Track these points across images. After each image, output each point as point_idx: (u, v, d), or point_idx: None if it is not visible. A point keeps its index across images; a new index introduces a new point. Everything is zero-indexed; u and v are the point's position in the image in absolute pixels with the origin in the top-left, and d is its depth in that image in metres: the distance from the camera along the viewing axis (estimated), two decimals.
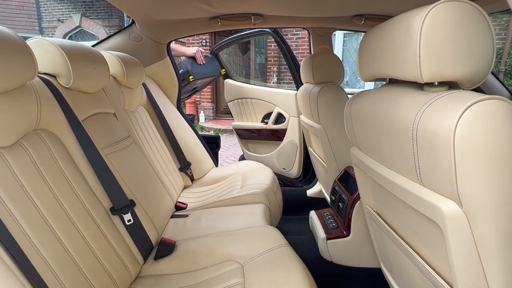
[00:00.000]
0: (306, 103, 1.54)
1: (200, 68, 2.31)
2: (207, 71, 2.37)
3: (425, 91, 0.61)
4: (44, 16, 8.64)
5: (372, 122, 0.75)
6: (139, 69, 1.53)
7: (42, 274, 0.65)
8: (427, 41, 0.55)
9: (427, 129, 0.53)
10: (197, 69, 2.28)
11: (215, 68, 2.45)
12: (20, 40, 0.72)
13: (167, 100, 1.97)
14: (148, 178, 1.22)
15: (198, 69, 2.29)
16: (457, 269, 0.55)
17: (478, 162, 0.47)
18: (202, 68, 2.33)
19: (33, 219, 0.69)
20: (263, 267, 0.89)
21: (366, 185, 0.96)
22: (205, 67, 2.34)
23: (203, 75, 2.34)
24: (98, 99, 1.11)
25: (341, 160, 1.45)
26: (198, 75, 2.30)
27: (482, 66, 0.55)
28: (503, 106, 0.47)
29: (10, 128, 0.70)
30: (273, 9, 1.46)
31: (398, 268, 0.88)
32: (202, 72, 2.33)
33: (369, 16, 1.56)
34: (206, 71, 2.36)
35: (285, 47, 2.21)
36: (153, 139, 1.56)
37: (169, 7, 1.37)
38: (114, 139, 1.07)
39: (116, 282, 0.85)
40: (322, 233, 1.38)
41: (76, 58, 0.94)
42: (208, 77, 2.40)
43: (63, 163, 0.83)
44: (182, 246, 1.07)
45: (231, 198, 1.42)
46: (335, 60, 1.48)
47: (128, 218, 0.95)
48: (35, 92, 0.79)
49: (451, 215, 0.52)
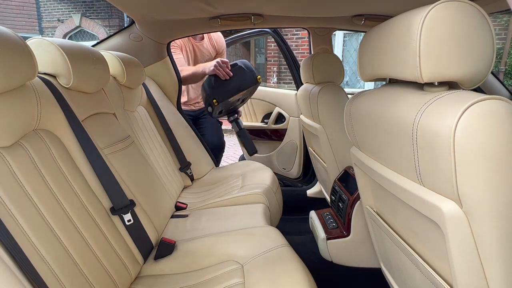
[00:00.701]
0: (306, 103, 1.54)
1: (226, 85, 1.76)
2: (237, 84, 1.78)
3: (425, 91, 0.61)
4: (44, 16, 8.63)
5: (372, 122, 0.75)
6: (139, 69, 1.53)
7: (42, 274, 0.65)
8: (427, 41, 0.55)
9: (427, 129, 0.53)
10: (221, 88, 1.77)
11: (248, 77, 1.82)
12: (20, 40, 0.72)
13: (167, 100, 1.97)
14: (148, 178, 1.22)
15: (224, 86, 1.76)
16: (457, 269, 0.55)
17: (478, 162, 0.47)
18: (230, 84, 1.77)
19: (33, 219, 0.69)
20: (263, 267, 0.89)
21: (366, 185, 0.96)
22: (234, 81, 1.77)
23: (233, 92, 1.77)
24: (98, 99, 1.11)
25: (341, 160, 1.45)
26: (225, 95, 1.76)
27: (482, 66, 0.55)
28: (503, 106, 0.47)
29: (10, 128, 0.70)
30: (273, 9, 1.46)
31: (398, 268, 0.88)
32: (230, 89, 1.77)
33: (369, 16, 1.56)
34: (235, 85, 1.78)
35: (285, 47, 2.21)
36: (153, 139, 1.56)
37: (169, 7, 1.37)
38: (114, 139, 1.07)
39: (116, 282, 0.85)
40: (322, 233, 1.38)
41: (76, 58, 0.94)
42: (243, 90, 1.81)
43: (63, 163, 0.83)
44: (182, 246, 1.07)
45: (231, 198, 1.42)
46: (335, 60, 1.48)
47: (128, 218, 0.95)
48: (35, 92, 0.79)
49: (451, 215, 0.52)
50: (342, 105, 1.39)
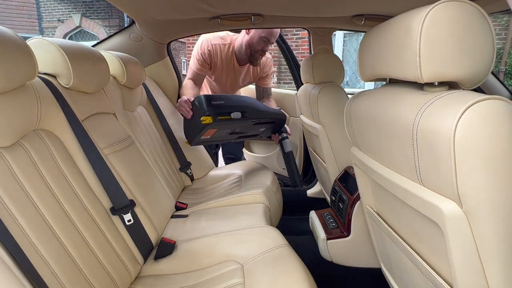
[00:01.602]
0: (306, 103, 1.54)
1: (192, 124, 1.44)
2: (196, 122, 1.39)
3: (425, 91, 0.61)
4: (44, 16, 8.64)
5: (372, 122, 0.75)
6: (139, 69, 1.53)
7: (42, 274, 0.65)
8: (427, 41, 0.55)
9: (427, 129, 0.53)
10: (187, 128, 1.49)
11: (199, 114, 1.39)
12: (20, 40, 0.72)
13: (167, 100, 1.97)
14: (148, 178, 1.22)
15: (189, 126, 1.47)
16: (457, 269, 0.55)
17: (478, 162, 0.47)
18: (192, 122, 1.44)
19: (33, 219, 0.69)
20: (263, 267, 0.89)
21: (366, 185, 0.96)
22: (194, 119, 1.42)
23: (199, 131, 1.40)
24: (98, 99, 1.11)
25: (341, 160, 1.45)
26: (193, 135, 1.45)
27: (482, 66, 0.55)
28: (503, 106, 0.47)
29: (10, 128, 0.70)
30: (273, 9, 1.46)
31: (398, 268, 0.88)
32: (196, 128, 1.41)
33: (369, 16, 1.56)
34: (196, 123, 1.40)
35: (285, 47, 2.21)
36: (153, 139, 1.56)
37: (169, 7, 1.37)
38: (114, 139, 1.07)
39: (116, 282, 0.85)
40: (322, 233, 1.38)
41: (76, 58, 0.94)
42: (202, 130, 1.41)
43: (63, 163, 0.83)
44: (182, 246, 1.07)
45: (231, 198, 1.42)
46: (335, 60, 1.48)
47: (128, 218, 0.95)
48: (35, 92, 0.80)
49: (451, 215, 0.52)
50: (342, 105, 1.38)
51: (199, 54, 1.81)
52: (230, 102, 1.45)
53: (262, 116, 1.54)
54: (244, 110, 1.45)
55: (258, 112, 1.51)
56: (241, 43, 1.81)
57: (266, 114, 1.56)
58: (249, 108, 1.47)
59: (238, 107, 1.45)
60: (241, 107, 1.46)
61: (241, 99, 1.53)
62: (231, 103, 1.45)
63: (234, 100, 1.49)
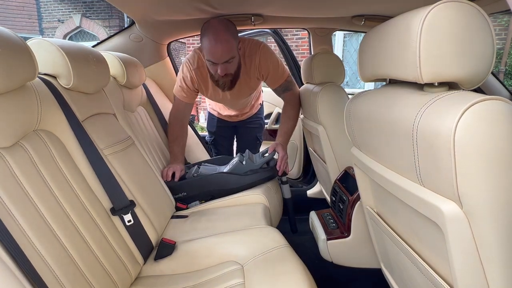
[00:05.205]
0: (307, 103, 1.54)
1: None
2: None
3: (425, 92, 0.61)
4: (44, 16, 8.64)
5: (372, 123, 0.75)
6: (139, 69, 1.53)
7: (42, 274, 0.65)
8: (427, 41, 0.55)
9: (427, 129, 0.53)
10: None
11: None
12: (20, 41, 0.72)
13: (167, 101, 1.97)
14: (148, 179, 1.22)
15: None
16: (457, 269, 0.55)
17: (478, 162, 0.47)
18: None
19: (33, 219, 0.69)
20: (263, 267, 0.89)
21: (366, 185, 0.96)
22: None
23: None
24: (98, 99, 1.11)
25: (341, 160, 1.45)
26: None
27: (482, 67, 0.55)
28: (503, 106, 0.47)
29: (10, 128, 0.70)
30: (273, 9, 1.46)
31: (398, 268, 0.88)
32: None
33: (369, 17, 1.56)
34: None
35: (285, 47, 2.21)
36: (153, 140, 1.56)
37: (169, 8, 1.37)
38: (114, 140, 1.07)
39: (116, 283, 0.85)
40: (322, 233, 1.38)
41: (76, 58, 0.94)
42: None
43: (63, 164, 0.83)
44: (182, 246, 1.07)
45: (231, 199, 1.42)
46: (335, 60, 1.48)
47: (128, 218, 0.95)
48: (35, 92, 0.80)
49: (451, 215, 0.52)
50: (343, 105, 1.38)
51: (182, 80, 1.57)
52: (194, 190, 1.45)
53: (237, 185, 1.45)
54: (211, 194, 1.46)
55: (230, 188, 1.44)
56: None
57: (242, 180, 1.44)
58: (216, 190, 1.44)
59: (202, 195, 1.45)
60: (207, 192, 1.45)
61: (212, 180, 1.44)
62: (195, 191, 1.45)
63: (200, 185, 1.45)
